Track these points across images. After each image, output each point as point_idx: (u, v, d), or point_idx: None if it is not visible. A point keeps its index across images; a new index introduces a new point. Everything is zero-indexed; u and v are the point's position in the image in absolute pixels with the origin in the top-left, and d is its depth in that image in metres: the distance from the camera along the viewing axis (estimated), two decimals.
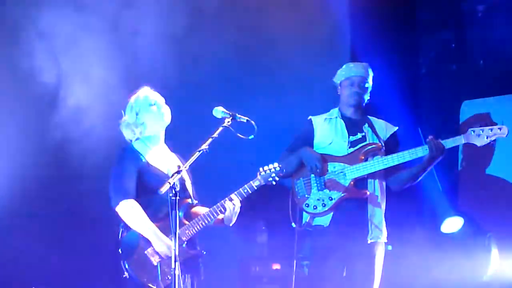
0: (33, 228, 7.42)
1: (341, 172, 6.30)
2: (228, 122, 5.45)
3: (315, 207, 6.32)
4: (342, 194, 6.27)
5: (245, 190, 5.72)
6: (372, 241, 6.33)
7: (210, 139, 5.38)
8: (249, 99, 5.72)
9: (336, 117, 6.53)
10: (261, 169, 5.80)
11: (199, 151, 5.28)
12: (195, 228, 5.60)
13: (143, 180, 5.54)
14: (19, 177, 7.34)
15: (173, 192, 5.01)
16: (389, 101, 7.62)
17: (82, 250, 7.55)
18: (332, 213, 6.31)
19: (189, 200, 5.70)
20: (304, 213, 6.43)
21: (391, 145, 6.45)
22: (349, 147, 6.40)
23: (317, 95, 7.75)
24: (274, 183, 5.82)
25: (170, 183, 5.00)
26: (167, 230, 5.40)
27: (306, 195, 6.37)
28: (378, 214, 6.36)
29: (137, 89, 5.84)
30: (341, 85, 6.56)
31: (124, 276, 5.46)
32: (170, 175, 5.26)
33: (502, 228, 7.57)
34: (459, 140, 6.21)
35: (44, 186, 7.44)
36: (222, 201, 5.67)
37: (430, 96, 8.39)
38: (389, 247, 6.71)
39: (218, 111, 5.54)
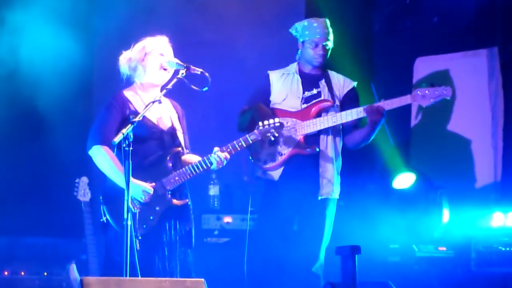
0: None
1: (293, 127, 6.34)
2: (182, 73, 5.46)
3: (265, 161, 6.33)
4: (291, 149, 6.31)
5: (240, 144, 5.73)
6: (322, 197, 6.38)
7: (165, 90, 5.45)
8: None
9: (294, 73, 6.52)
10: (260, 123, 5.82)
11: (153, 102, 5.32)
12: (182, 178, 5.59)
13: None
14: None
15: (127, 142, 4.98)
16: (342, 57, 7.60)
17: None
18: (282, 167, 6.37)
19: (179, 149, 5.67)
20: (256, 166, 6.48)
21: (349, 100, 6.49)
22: (303, 103, 6.44)
23: (275, 50, 7.88)
24: (272, 138, 5.82)
25: (123, 134, 4.96)
26: (150, 178, 5.51)
27: (258, 149, 6.41)
28: (330, 170, 6.40)
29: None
30: (303, 43, 6.52)
31: (101, 220, 5.56)
32: (160, 126, 5.55)
33: (453, 184, 7.65)
34: (405, 100, 6.29)
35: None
36: (213, 153, 5.63)
37: (383, 52, 8.39)
38: (341, 203, 6.72)
39: (173, 63, 5.60)
